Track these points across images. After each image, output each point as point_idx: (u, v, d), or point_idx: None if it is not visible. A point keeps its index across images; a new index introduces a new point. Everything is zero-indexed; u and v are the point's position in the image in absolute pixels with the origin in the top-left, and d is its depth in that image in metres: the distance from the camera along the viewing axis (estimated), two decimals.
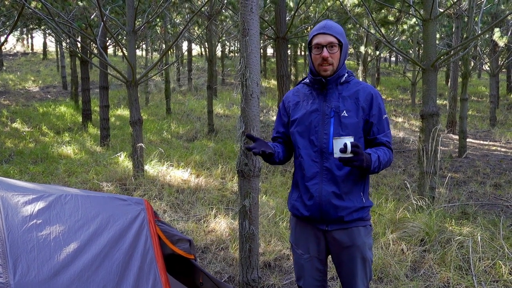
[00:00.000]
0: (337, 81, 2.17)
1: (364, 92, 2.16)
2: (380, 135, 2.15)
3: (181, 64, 23.19)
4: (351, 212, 2.11)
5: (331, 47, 2.09)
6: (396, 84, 23.66)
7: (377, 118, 2.14)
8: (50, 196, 1.88)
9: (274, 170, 7.18)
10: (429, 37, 5.04)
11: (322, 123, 2.13)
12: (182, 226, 4.75)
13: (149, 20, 6.83)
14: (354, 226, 2.13)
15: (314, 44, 2.13)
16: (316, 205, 2.12)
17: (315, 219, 2.16)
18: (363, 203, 2.15)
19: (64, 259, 1.63)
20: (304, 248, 2.24)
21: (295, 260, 2.31)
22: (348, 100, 2.14)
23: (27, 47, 34.43)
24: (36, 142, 9.59)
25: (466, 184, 6.88)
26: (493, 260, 3.62)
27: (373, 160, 2.00)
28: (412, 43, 17.46)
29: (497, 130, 12.74)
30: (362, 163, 1.93)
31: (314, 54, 2.13)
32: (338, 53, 2.12)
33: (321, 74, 2.14)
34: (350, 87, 2.18)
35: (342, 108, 2.12)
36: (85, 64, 11.19)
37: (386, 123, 2.17)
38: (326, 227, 2.15)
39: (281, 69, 7.92)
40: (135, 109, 6.26)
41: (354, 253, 2.14)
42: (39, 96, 18.28)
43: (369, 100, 2.14)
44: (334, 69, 2.14)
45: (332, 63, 2.11)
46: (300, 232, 2.26)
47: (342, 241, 2.14)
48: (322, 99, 2.17)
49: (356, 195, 2.13)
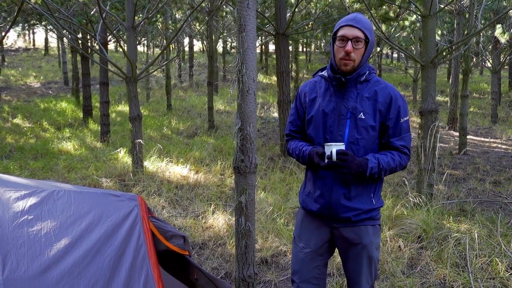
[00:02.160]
0: (356, 79, 2.06)
1: (383, 93, 2.06)
2: (394, 138, 2.07)
3: (182, 60, 23.17)
4: (359, 213, 2.10)
5: (356, 42, 1.97)
6: (398, 80, 23.57)
7: (394, 122, 2.05)
8: (42, 192, 1.89)
9: (273, 167, 7.18)
10: (429, 33, 5.02)
11: (338, 124, 2.06)
12: (180, 222, 4.76)
13: (149, 15, 6.81)
14: (362, 225, 2.12)
15: (339, 35, 1.99)
16: (325, 203, 2.11)
17: (323, 216, 2.16)
18: (373, 204, 2.12)
19: (55, 255, 1.64)
20: (307, 242, 2.22)
21: (295, 253, 2.29)
22: (366, 101, 2.05)
23: (28, 42, 34.47)
24: (36, 138, 9.61)
25: (466, 181, 6.86)
26: (490, 257, 3.61)
27: (369, 166, 1.98)
28: (414, 39, 17.39)
29: (498, 127, 12.69)
30: (350, 170, 1.94)
31: (338, 46, 2.01)
32: (362, 49, 2.00)
33: (340, 69, 2.03)
34: (369, 86, 2.07)
35: (360, 110, 2.03)
36: (86, 60, 11.19)
37: (405, 126, 2.07)
38: (334, 224, 2.15)
39: (281, 65, 7.90)
40: (135, 105, 6.26)
41: (361, 252, 2.13)
42: (40, 91, 18.31)
43: (388, 103, 2.05)
44: (354, 66, 2.02)
45: (354, 59, 1.99)
46: (306, 225, 2.25)
47: (349, 238, 2.14)
48: (339, 98, 2.08)
49: (366, 197, 2.11)
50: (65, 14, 6.92)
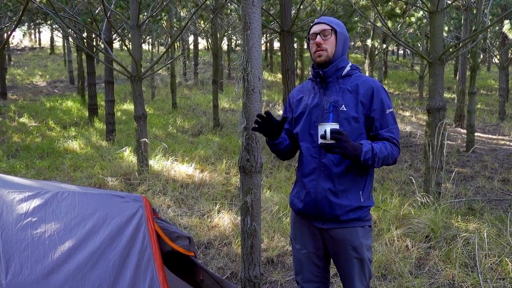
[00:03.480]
0: (336, 73, 2.13)
1: (364, 86, 2.09)
2: (383, 130, 2.07)
3: (187, 58, 23.16)
4: (347, 212, 2.05)
5: (324, 34, 2.10)
6: (404, 77, 23.43)
7: (379, 113, 2.06)
8: (46, 193, 1.87)
9: (279, 165, 7.14)
10: (436, 29, 4.95)
11: (321, 118, 2.10)
12: (186, 221, 4.74)
13: (154, 14, 6.79)
14: (351, 226, 2.07)
15: (310, 34, 2.16)
16: (312, 201, 2.08)
17: (311, 216, 2.13)
18: (361, 202, 2.07)
19: (59, 258, 1.62)
20: (302, 243, 2.22)
21: (294, 255, 2.30)
22: (348, 94, 2.09)
23: (34, 42, 34.62)
24: (42, 137, 9.63)
25: (474, 179, 6.79)
26: (499, 257, 3.56)
27: (363, 150, 1.93)
28: (421, 35, 17.25)
29: (506, 124, 12.56)
30: (345, 150, 1.88)
31: (310, 43, 2.16)
32: (332, 39, 2.11)
33: (316, 62, 2.13)
34: (351, 80, 2.13)
35: (341, 102, 2.08)
36: (91, 58, 11.19)
37: (391, 118, 2.09)
38: (322, 225, 2.11)
39: (286, 63, 7.86)
40: (139, 104, 6.25)
41: (351, 254, 2.09)
42: (46, 90, 18.37)
43: (369, 94, 2.07)
44: (329, 56, 2.11)
45: (325, 49, 2.10)
46: (298, 228, 2.25)
47: (338, 241, 2.10)
48: (322, 93, 2.15)
49: (354, 193, 2.06)
50: (70, 13, 6.92)
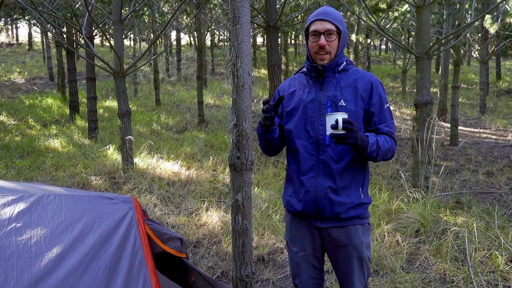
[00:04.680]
0: (334, 69, 2.05)
1: (363, 80, 2.04)
2: (382, 125, 2.03)
3: (170, 54, 22.88)
4: (348, 209, 2.00)
5: (329, 34, 1.97)
6: (387, 72, 23.63)
7: (378, 108, 2.03)
8: (31, 197, 1.77)
9: (266, 162, 7.09)
10: (423, 24, 4.95)
11: (319, 114, 2.01)
12: (173, 220, 4.65)
13: (136, 9, 6.63)
14: (351, 225, 2.03)
15: (312, 31, 2.00)
16: (311, 200, 2.01)
17: (310, 215, 2.05)
18: (361, 199, 2.03)
19: (46, 265, 1.52)
20: (300, 245, 2.14)
21: (291, 258, 2.22)
22: (346, 89, 2.02)
23: (11, 37, 33.72)
24: (22, 136, 9.37)
25: (459, 172, 6.87)
26: (489, 250, 3.58)
27: (370, 142, 1.89)
28: (402, 30, 17.37)
29: (487, 117, 12.79)
30: (356, 140, 1.81)
31: (311, 41, 2.01)
32: (336, 41, 2.00)
33: (317, 63, 2.02)
34: (348, 75, 2.06)
35: (340, 98, 2.00)
36: (72, 54, 10.92)
37: (388, 113, 2.06)
38: (322, 224, 2.05)
39: (272, 58, 7.78)
40: (123, 100, 6.10)
41: (351, 253, 2.05)
42: (25, 88, 17.91)
43: (369, 89, 2.02)
44: (331, 58, 2.02)
45: (329, 51, 1.99)
46: (295, 229, 2.16)
47: (338, 240, 2.05)
48: (318, 88, 2.06)
49: (354, 190, 2.02)
50: (49, 8, 6.71)
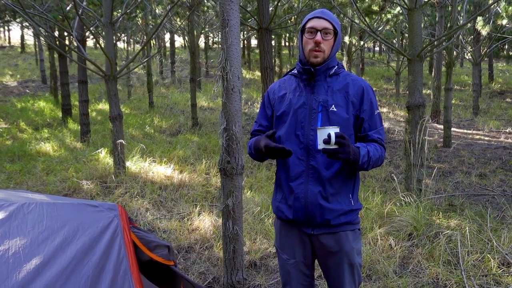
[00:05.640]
0: (326, 72, 2.01)
1: (354, 85, 2.01)
2: (372, 131, 2.01)
3: (163, 56, 22.81)
4: (338, 216, 1.96)
5: (325, 33, 1.96)
6: (380, 74, 23.69)
7: (368, 114, 2.00)
8: (11, 205, 1.71)
9: (259, 165, 7.05)
10: (415, 26, 4.94)
11: (309, 118, 1.97)
12: (165, 224, 4.60)
13: (128, 11, 6.58)
14: (341, 231, 1.99)
15: (308, 27, 1.98)
16: (301, 207, 1.97)
17: (300, 222, 2.01)
18: (352, 205, 2.00)
19: (24, 278, 1.47)
20: (290, 253, 2.10)
21: (281, 265, 2.18)
22: (338, 94, 1.99)
23: (4, 40, 33.50)
24: (13, 139, 9.27)
25: (452, 174, 6.86)
26: (481, 253, 3.57)
27: (361, 154, 1.86)
28: (396, 32, 17.44)
29: (480, 119, 12.83)
30: (348, 155, 1.79)
31: (307, 37, 1.98)
32: (331, 41, 1.99)
33: (310, 61, 1.98)
34: (339, 79, 2.02)
35: (331, 102, 1.97)
36: (63, 57, 10.82)
37: (378, 119, 2.03)
38: (312, 231, 2.01)
39: (265, 60, 7.77)
40: (115, 104, 6.04)
41: (342, 259, 2.01)
42: (17, 91, 17.77)
43: (360, 95, 1.99)
44: (324, 58, 1.99)
45: (324, 50, 1.97)
46: (285, 236, 2.12)
47: (328, 246, 2.01)
48: (309, 92, 2.01)
49: (344, 197, 1.99)
50: (39, 10, 6.64)
